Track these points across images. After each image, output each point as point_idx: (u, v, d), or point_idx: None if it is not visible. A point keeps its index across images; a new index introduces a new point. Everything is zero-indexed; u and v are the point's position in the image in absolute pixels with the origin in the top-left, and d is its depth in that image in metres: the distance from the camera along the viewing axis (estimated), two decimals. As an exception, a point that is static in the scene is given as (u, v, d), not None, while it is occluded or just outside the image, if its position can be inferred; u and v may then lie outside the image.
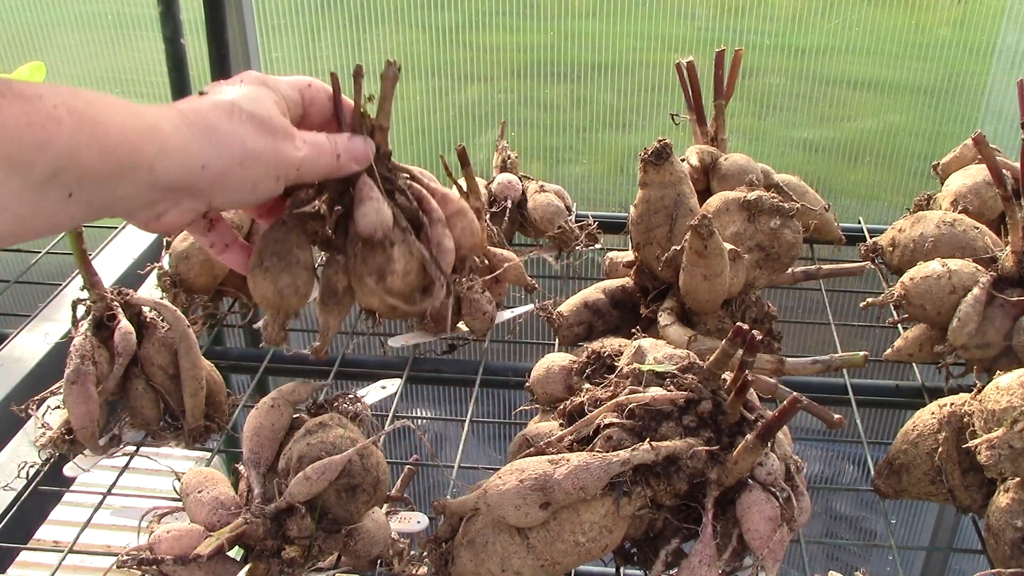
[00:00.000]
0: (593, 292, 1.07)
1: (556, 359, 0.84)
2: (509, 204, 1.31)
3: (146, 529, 0.75)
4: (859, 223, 1.41)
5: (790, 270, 1.02)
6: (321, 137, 0.69)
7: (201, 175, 0.62)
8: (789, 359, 0.93)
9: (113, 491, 0.92)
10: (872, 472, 0.89)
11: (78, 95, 0.55)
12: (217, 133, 0.62)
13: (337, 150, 0.69)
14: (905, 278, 1.01)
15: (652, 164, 0.94)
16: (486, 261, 1.17)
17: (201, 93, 0.65)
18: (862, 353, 0.90)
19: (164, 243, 1.20)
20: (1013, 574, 0.72)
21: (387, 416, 1.02)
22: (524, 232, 1.36)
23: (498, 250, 1.16)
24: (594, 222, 1.31)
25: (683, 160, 1.25)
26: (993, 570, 0.74)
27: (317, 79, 0.71)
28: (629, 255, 1.09)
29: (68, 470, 0.92)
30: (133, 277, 1.30)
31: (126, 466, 0.96)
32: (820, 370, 0.93)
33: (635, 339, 0.79)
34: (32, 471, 0.94)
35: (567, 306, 1.06)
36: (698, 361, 0.72)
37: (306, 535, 0.72)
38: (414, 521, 0.85)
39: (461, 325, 1.10)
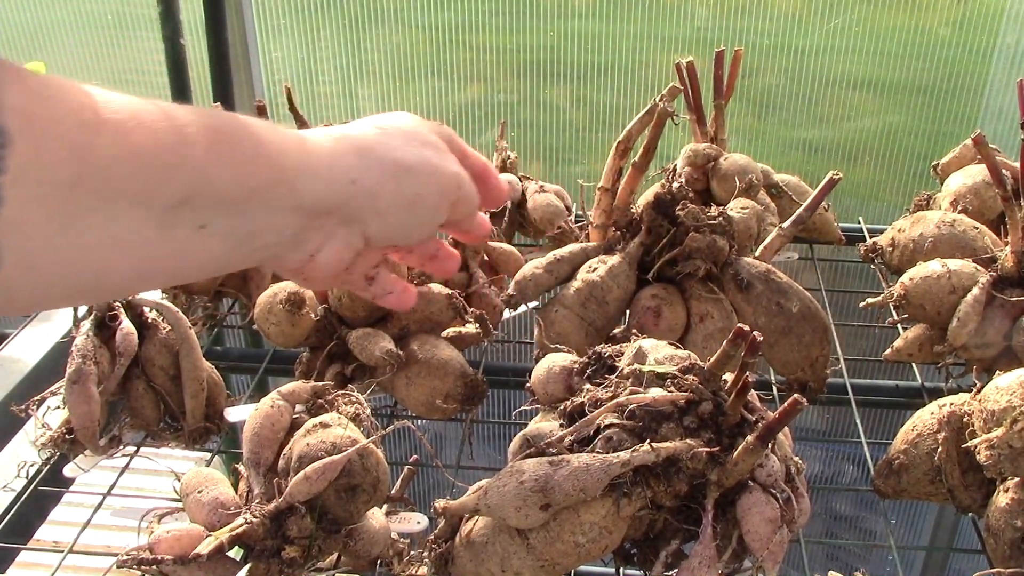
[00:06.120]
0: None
1: (557, 359, 0.84)
2: (509, 204, 1.31)
3: (146, 529, 0.75)
4: (859, 223, 1.41)
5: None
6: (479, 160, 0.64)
7: (351, 192, 0.54)
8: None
9: (113, 491, 0.92)
10: (872, 472, 0.89)
11: (214, 114, 0.48)
12: (366, 146, 0.55)
13: (500, 183, 0.66)
14: (905, 278, 1.01)
15: None
16: (486, 257, 1.17)
17: None
18: None
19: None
20: (1013, 574, 0.72)
21: (387, 416, 1.02)
22: (524, 232, 1.36)
23: (498, 244, 1.17)
24: (594, 222, 1.31)
25: (672, 165, 1.25)
26: (993, 570, 0.74)
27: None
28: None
29: (68, 470, 0.92)
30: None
31: (126, 466, 0.96)
32: None
33: (636, 339, 0.79)
34: (32, 471, 0.94)
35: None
36: (699, 362, 0.72)
37: (306, 535, 0.72)
38: (414, 521, 0.85)
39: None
